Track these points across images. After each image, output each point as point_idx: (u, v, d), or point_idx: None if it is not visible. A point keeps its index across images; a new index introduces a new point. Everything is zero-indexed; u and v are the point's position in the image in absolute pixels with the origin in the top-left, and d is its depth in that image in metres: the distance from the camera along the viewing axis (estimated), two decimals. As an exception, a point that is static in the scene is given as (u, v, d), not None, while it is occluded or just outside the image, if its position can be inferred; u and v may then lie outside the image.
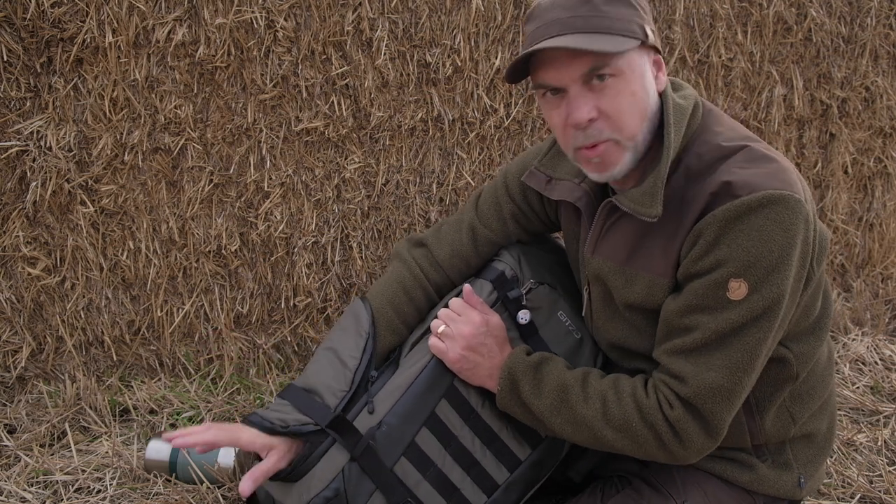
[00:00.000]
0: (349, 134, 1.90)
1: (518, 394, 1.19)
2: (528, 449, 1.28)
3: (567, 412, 1.15)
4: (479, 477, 1.24)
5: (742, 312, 1.03)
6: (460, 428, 1.23)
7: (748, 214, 1.01)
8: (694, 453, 1.10)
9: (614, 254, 1.17)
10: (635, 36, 1.04)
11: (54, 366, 1.92)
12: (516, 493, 1.28)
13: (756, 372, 1.08)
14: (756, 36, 2.08)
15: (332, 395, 1.21)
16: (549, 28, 1.05)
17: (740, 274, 1.02)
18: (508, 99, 1.96)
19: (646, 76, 1.08)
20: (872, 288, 2.42)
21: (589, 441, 1.15)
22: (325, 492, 1.15)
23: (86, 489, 1.54)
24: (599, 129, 1.06)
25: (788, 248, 1.02)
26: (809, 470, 1.24)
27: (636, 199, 1.09)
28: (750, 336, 1.05)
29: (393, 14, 1.83)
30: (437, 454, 1.21)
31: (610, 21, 1.03)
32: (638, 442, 1.11)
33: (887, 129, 2.28)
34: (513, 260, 1.33)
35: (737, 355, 1.05)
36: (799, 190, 1.04)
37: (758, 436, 1.20)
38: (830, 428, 1.28)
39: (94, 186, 1.82)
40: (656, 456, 1.12)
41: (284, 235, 1.93)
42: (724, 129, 1.13)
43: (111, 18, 1.70)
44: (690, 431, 1.07)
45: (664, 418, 1.08)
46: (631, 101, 1.06)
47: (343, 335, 1.30)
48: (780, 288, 1.03)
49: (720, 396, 1.05)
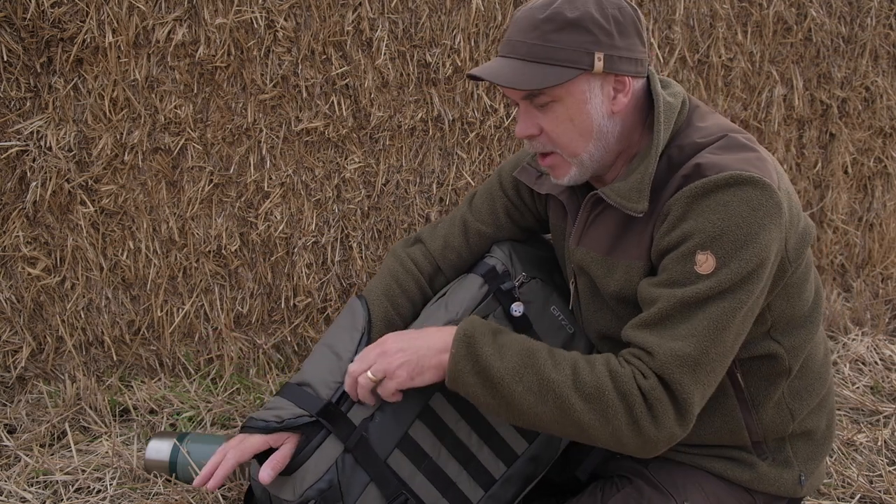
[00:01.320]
0: (349, 134, 1.90)
1: (476, 356, 1.07)
2: (525, 443, 1.28)
3: (532, 377, 1.05)
4: (476, 471, 1.24)
5: (709, 285, 1.02)
6: (456, 422, 1.23)
7: (715, 191, 1.03)
8: (664, 435, 1.04)
9: (597, 244, 1.19)
10: (578, 66, 1.06)
11: (54, 366, 1.92)
12: (514, 488, 1.28)
13: (725, 349, 1.05)
14: (756, 36, 2.08)
15: (325, 386, 1.21)
16: (503, 45, 1.12)
17: (707, 246, 1.02)
18: (508, 99, 1.96)
19: (590, 102, 1.10)
20: (872, 288, 2.42)
21: (551, 414, 1.05)
22: (319, 483, 1.15)
23: (86, 489, 1.54)
24: (542, 143, 1.15)
25: (757, 227, 1.02)
26: (810, 467, 1.24)
27: (623, 193, 1.12)
28: (715, 308, 1.02)
29: (393, 14, 1.83)
30: (431, 447, 1.21)
31: (554, 51, 1.06)
32: (607, 416, 1.03)
33: (887, 129, 2.28)
34: (504, 255, 1.34)
35: (701, 325, 1.02)
36: (772, 178, 1.05)
37: (756, 431, 1.20)
38: (829, 425, 1.29)
39: (94, 186, 1.82)
40: (622, 436, 1.04)
41: (284, 235, 1.93)
42: (707, 124, 1.15)
43: (111, 18, 1.70)
44: (664, 405, 1.02)
45: (638, 388, 1.03)
46: (568, 125, 1.11)
47: (338, 331, 1.31)
48: (749, 265, 1.02)
49: (686, 366, 1.02)
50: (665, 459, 1.26)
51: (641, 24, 1.12)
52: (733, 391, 1.19)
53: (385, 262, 1.43)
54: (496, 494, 1.26)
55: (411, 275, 1.38)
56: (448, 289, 1.35)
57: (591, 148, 1.13)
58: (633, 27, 1.10)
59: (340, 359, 1.24)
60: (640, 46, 1.12)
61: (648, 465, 1.27)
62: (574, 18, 1.05)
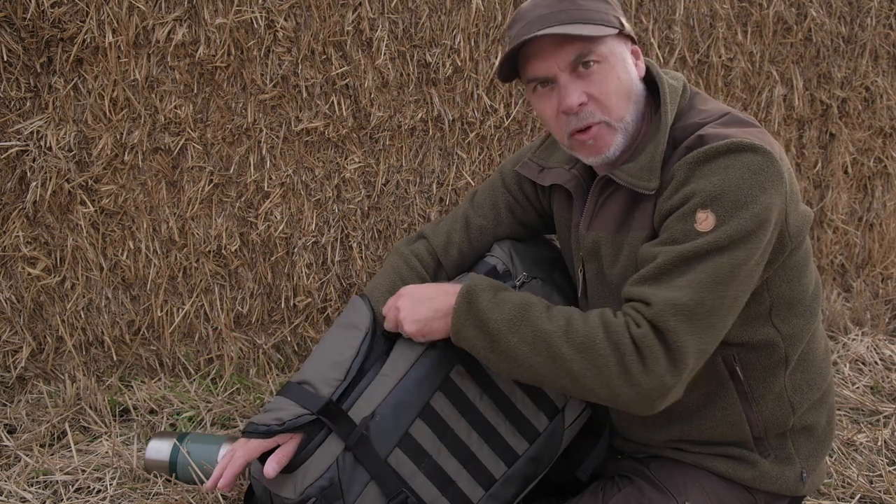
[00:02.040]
0: (349, 134, 1.90)
1: (476, 310, 1.13)
2: (526, 443, 1.28)
3: (526, 328, 1.10)
4: (477, 470, 1.24)
5: (708, 240, 1.04)
6: (456, 421, 1.24)
7: (717, 156, 1.06)
8: (655, 383, 1.04)
9: (606, 226, 1.21)
10: (613, 25, 1.12)
11: (54, 366, 1.92)
12: (514, 488, 1.28)
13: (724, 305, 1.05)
14: (756, 36, 2.08)
15: (325, 384, 1.21)
16: (532, 25, 1.12)
17: (707, 205, 1.04)
18: (508, 99, 1.96)
19: (627, 62, 1.16)
20: (872, 288, 2.42)
21: (545, 365, 1.09)
22: (319, 481, 1.16)
23: (86, 489, 1.54)
24: (591, 111, 1.14)
25: (757, 189, 1.04)
26: (811, 463, 1.24)
27: (634, 173, 1.14)
28: (713, 262, 1.04)
29: (393, 14, 1.83)
30: (431, 446, 1.22)
31: (589, 13, 1.12)
32: (598, 365, 1.05)
33: (887, 129, 2.28)
34: (504, 255, 1.35)
35: (698, 276, 1.04)
36: (775, 149, 1.08)
37: (757, 426, 1.20)
38: (830, 421, 1.29)
39: (94, 186, 1.82)
40: (613, 386, 1.05)
41: (284, 235, 1.93)
42: (709, 107, 1.19)
43: (111, 18, 1.70)
44: (656, 353, 1.03)
45: (630, 337, 1.05)
46: (617, 84, 1.14)
47: (339, 330, 1.31)
48: (748, 224, 1.03)
49: (681, 314, 1.03)
50: (666, 459, 1.27)
51: None
52: (733, 384, 1.19)
53: (388, 260, 1.43)
54: (497, 494, 1.26)
55: (415, 271, 1.39)
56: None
57: (632, 110, 1.16)
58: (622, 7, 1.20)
59: (342, 356, 1.25)
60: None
61: (649, 464, 1.27)
62: None
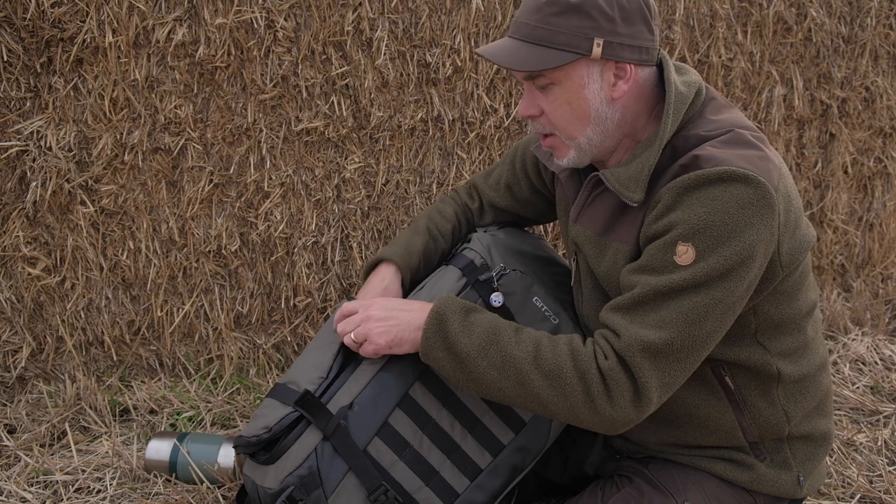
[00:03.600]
0: (349, 134, 1.90)
1: (445, 333, 1.13)
2: (512, 433, 1.28)
3: (495, 353, 1.10)
4: (461, 461, 1.25)
5: (685, 276, 1.02)
6: (437, 411, 1.24)
7: (707, 185, 1.02)
8: (619, 416, 1.05)
9: (593, 224, 1.21)
10: (576, 51, 1.07)
11: (54, 366, 1.92)
12: (502, 478, 1.27)
13: (695, 343, 1.04)
14: (756, 36, 2.08)
15: (308, 382, 1.23)
16: (511, 26, 1.15)
17: (689, 238, 1.02)
18: (508, 99, 1.96)
19: (587, 87, 1.11)
20: (872, 288, 2.42)
21: (513, 389, 1.09)
22: (298, 470, 1.17)
23: (86, 489, 1.54)
24: (542, 124, 1.17)
25: (742, 225, 1.01)
26: (808, 468, 1.24)
27: (622, 180, 1.12)
28: (688, 300, 1.02)
29: (393, 14, 1.83)
30: (412, 436, 1.22)
31: (553, 34, 1.08)
32: (565, 393, 1.06)
33: (887, 129, 2.28)
34: (482, 248, 1.35)
35: (671, 315, 1.03)
36: (771, 178, 1.04)
37: (751, 432, 1.20)
38: (828, 428, 1.28)
39: (94, 186, 1.82)
40: (579, 413, 1.06)
41: (284, 235, 1.93)
42: (719, 118, 1.14)
43: (111, 18, 1.70)
44: (622, 387, 1.04)
45: (597, 368, 1.05)
46: (566, 109, 1.13)
47: (325, 332, 1.33)
48: (728, 262, 1.01)
49: (648, 353, 1.03)
50: (665, 460, 1.26)
51: (651, 12, 1.11)
52: (724, 393, 1.18)
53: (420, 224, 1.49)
54: (483, 484, 1.26)
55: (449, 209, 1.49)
56: (427, 281, 1.36)
57: (589, 132, 1.14)
58: (639, 14, 1.09)
59: (324, 355, 1.26)
60: (646, 34, 1.11)
61: (649, 464, 1.27)
62: (576, 3, 1.06)
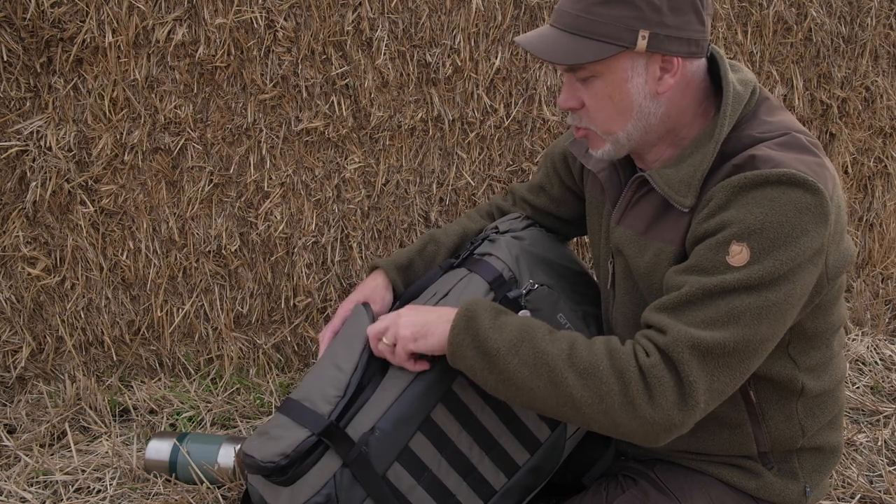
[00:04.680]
0: (349, 134, 1.90)
1: (475, 329, 1.06)
2: (527, 454, 1.26)
3: (528, 350, 1.03)
4: (477, 483, 1.22)
5: (738, 277, 0.96)
6: (457, 433, 1.21)
7: (763, 186, 0.97)
8: (661, 418, 0.96)
9: (635, 224, 1.16)
10: (619, 42, 1.02)
11: (54, 366, 1.92)
12: (513, 499, 1.26)
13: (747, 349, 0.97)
14: (756, 36, 2.08)
15: (324, 401, 1.18)
16: (553, 14, 1.09)
17: (743, 238, 0.96)
18: (508, 99, 1.96)
19: (631, 81, 1.05)
20: (872, 288, 2.42)
21: (544, 390, 1.01)
22: (316, 497, 1.13)
23: (86, 489, 1.54)
24: (580, 116, 1.12)
25: (800, 231, 0.96)
26: (815, 479, 1.22)
27: (672, 183, 1.08)
28: (740, 302, 0.96)
29: (393, 14, 1.83)
30: (431, 460, 1.19)
31: (595, 25, 1.02)
32: (601, 393, 0.97)
33: (887, 129, 2.28)
34: (511, 258, 1.32)
35: (723, 317, 0.96)
36: (828, 187, 0.99)
37: (764, 443, 1.18)
38: (838, 441, 1.26)
39: (94, 186, 1.82)
40: (616, 416, 0.98)
41: (284, 235, 1.93)
42: (773, 119, 1.08)
43: (111, 18, 1.70)
44: (664, 385, 0.95)
45: (637, 366, 0.98)
46: (606, 103, 1.08)
47: (339, 342, 1.28)
48: (784, 266, 0.95)
49: (697, 351, 0.96)
50: (671, 463, 1.26)
51: (703, 2, 1.04)
52: (745, 406, 1.16)
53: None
54: None
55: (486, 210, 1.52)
56: (453, 288, 1.33)
57: (629, 127, 1.09)
58: (688, 4, 1.03)
59: (341, 371, 1.21)
60: (696, 25, 1.04)
61: (654, 467, 1.26)
62: None
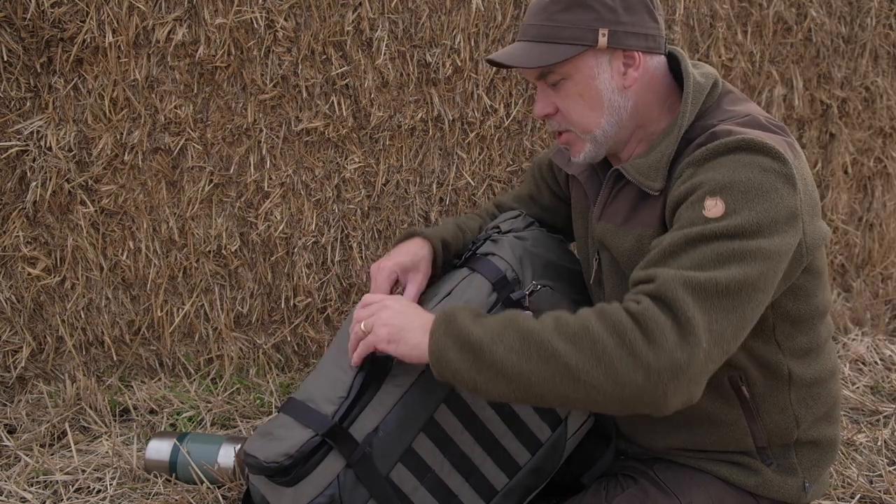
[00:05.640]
0: (349, 134, 1.90)
1: (455, 329, 1.01)
2: (528, 454, 1.27)
3: (512, 334, 0.97)
4: (479, 483, 1.23)
5: (718, 226, 0.97)
6: (460, 434, 1.21)
7: (725, 152, 1.02)
8: (665, 362, 0.90)
9: (615, 217, 1.21)
10: (583, 43, 1.11)
11: (54, 366, 1.92)
12: (514, 499, 1.27)
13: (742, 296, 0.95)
14: (756, 36, 2.08)
15: (327, 402, 1.18)
16: (520, 31, 1.18)
17: (715, 193, 0.99)
18: (508, 99, 1.96)
19: (598, 77, 1.14)
20: (872, 288, 2.42)
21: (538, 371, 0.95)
22: (319, 497, 1.13)
23: (86, 489, 1.54)
24: (558, 121, 1.19)
25: (769, 187, 0.98)
26: (814, 474, 1.23)
27: (641, 170, 1.14)
28: (724, 247, 0.96)
29: (393, 14, 1.83)
30: (434, 460, 1.20)
31: (559, 30, 1.11)
32: (596, 353, 0.92)
33: (887, 129, 2.28)
34: (514, 258, 1.33)
35: (709, 260, 0.95)
36: (789, 157, 1.01)
37: (760, 437, 1.19)
38: (835, 434, 1.27)
39: (94, 186, 1.82)
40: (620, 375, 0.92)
41: (284, 235, 1.93)
42: (737, 108, 1.14)
43: (111, 18, 1.70)
44: (661, 325, 0.91)
45: (628, 314, 0.94)
46: (577, 101, 1.15)
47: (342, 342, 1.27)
48: (759, 216, 0.97)
49: (690, 287, 0.93)
50: (670, 461, 1.26)
51: (653, 2, 1.14)
52: (738, 401, 1.18)
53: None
54: None
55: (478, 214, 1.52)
56: (455, 287, 1.31)
57: (603, 123, 1.16)
58: (640, 4, 1.12)
59: (344, 372, 1.20)
60: (650, 22, 1.14)
61: (653, 465, 1.27)
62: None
